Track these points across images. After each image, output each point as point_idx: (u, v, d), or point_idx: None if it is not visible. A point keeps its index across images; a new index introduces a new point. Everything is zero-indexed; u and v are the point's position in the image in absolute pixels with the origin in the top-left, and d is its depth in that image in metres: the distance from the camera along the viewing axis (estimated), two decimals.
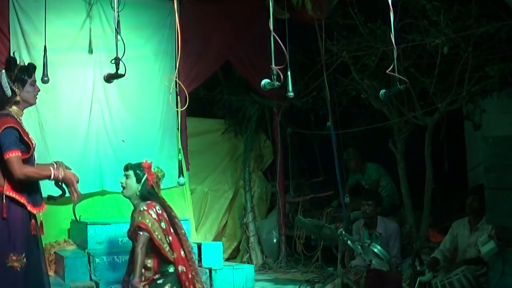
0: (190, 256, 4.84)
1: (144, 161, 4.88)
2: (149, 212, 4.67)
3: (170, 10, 7.13)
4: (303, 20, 7.12)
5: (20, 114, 4.30)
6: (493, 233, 5.14)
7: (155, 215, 4.68)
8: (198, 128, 8.29)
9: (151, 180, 4.81)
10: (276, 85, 3.99)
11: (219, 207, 8.53)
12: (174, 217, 4.87)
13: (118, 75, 4.15)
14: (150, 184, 4.81)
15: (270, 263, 8.19)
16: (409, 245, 6.71)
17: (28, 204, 4.18)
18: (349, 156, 7.91)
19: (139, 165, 4.85)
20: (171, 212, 4.87)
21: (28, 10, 6.54)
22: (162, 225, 4.69)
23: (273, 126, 8.58)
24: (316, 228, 5.95)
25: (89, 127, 6.92)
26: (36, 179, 4.24)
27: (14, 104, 4.26)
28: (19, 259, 4.09)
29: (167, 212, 4.81)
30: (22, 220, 4.18)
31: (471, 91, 6.50)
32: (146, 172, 4.82)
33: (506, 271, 4.92)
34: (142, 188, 4.80)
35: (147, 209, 4.69)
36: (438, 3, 6.21)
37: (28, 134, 4.27)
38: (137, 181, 4.80)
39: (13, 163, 4.07)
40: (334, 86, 7.53)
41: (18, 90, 4.21)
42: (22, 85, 4.24)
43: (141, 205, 4.76)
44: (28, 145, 4.19)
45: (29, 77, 4.28)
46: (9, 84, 4.18)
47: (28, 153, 4.18)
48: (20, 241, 4.13)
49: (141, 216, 4.68)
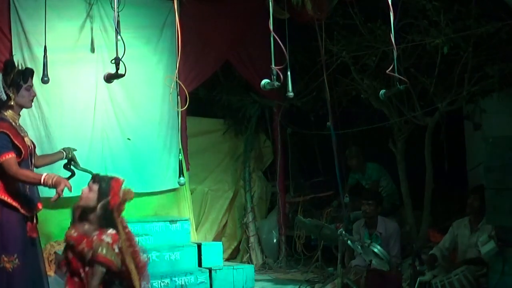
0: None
1: (115, 178, 4.08)
2: (102, 239, 3.87)
3: (170, 10, 7.13)
4: (303, 20, 7.12)
5: (16, 117, 4.33)
6: (493, 233, 5.15)
7: (110, 238, 3.90)
8: (198, 128, 8.28)
9: (113, 204, 3.99)
10: (276, 85, 3.99)
11: (219, 207, 8.53)
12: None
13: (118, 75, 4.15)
14: (111, 207, 3.98)
15: (270, 263, 8.19)
16: (409, 245, 6.71)
17: (22, 207, 4.21)
18: (351, 154, 7.90)
19: (108, 180, 4.02)
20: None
21: (29, 9, 6.52)
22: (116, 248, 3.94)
23: (273, 126, 8.58)
24: (316, 228, 5.96)
25: (94, 126, 6.91)
26: (26, 183, 4.25)
27: (9, 108, 4.28)
28: (10, 260, 4.13)
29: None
30: (16, 222, 4.21)
31: (471, 91, 6.50)
32: (111, 192, 4.00)
33: (506, 271, 4.93)
34: (101, 209, 3.97)
35: (100, 235, 3.90)
36: (438, 3, 6.21)
37: (23, 138, 4.29)
38: (98, 199, 3.97)
39: (10, 164, 4.09)
40: (334, 86, 7.53)
41: (12, 95, 4.24)
42: (17, 90, 4.26)
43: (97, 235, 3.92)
44: (20, 149, 4.20)
45: (25, 82, 4.30)
46: (4, 88, 4.21)
47: (19, 157, 4.20)
48: (12, 243, 4.17)
49: (99, 247, 3.85)
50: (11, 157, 4.12)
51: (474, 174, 7.55)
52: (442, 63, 6.50)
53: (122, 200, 4.04)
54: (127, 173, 7.00)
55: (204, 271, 6.56)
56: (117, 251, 3.92)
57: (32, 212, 4.32)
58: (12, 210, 4.18)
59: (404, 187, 7.25)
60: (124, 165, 7.06)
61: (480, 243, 5.20)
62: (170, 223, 6.79)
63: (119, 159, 7.04)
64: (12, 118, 4.30)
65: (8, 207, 4.18)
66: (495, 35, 6.22)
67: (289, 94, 4.21)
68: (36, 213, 4.39)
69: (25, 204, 4.24)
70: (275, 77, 3.97)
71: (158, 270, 6.33)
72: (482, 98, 6.97)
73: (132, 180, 7.07)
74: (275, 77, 3.97)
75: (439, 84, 6.64)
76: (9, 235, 4.17)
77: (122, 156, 7.06)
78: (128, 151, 7.08)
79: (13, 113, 4.31)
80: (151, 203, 7.28)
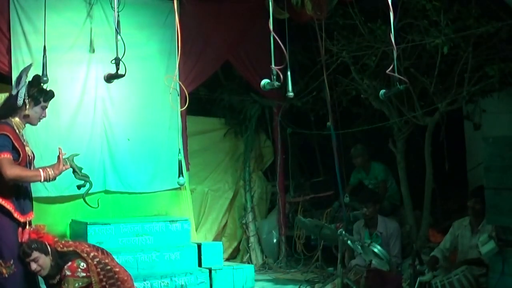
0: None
1: (34, 227, 4.35)
2: (76, 276, 4.16)
3: (170, 10, 7.12)
4: (303, 20, 7.12)
5: (21, 126, 4.39)
6: (493, 233, 5.15)
7: (83, 273, 4.18)
8: (198, 128, 8.28)
9: (51, 241, 4.28)
10: (276, 85, 4.00)
11: (219, 207, 8.52)
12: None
13: (118, 75, 4.16)
14: (53, 246, 4.27)
15: (270, 263, 8.19)
16: (409, 245, 6.72)
17: (15, 211, 4.23)
18: (357, 152, 7.87)
19: (31, 240, 4.22)
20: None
21: (29, 9, 6.53)
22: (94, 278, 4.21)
23: (273, 126, 8.57)
24: (316, 228, 5.95)
25: (93, 126, 6.93)
26: (26, 180, 4.25)
27: (17, 116, 4.35)
28: (7, 265, 4.15)
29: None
30: (10, 227, 4.21)
31: (471, 91, 6.50)
32: (41, 237, 4.25)
33: (506, 271, 4.93)
34: (53, 256, 4.23)
35: (72, 274, 4.17)
36: (438, 3, 6.21)
37: (24, 146, 4.31)
38: (45, 254, 4.21)
39: (4, 164, 4.09)
40: (334, 86, 7.53)
41: (29, 106, 4.33)
42: (35, 103, 4.37)
43: (64, 271, 4.22)
44: (19, 153, 4.22)
45: (44, 101, 4.42)
46: (25, 96, 4.27)
47: (17, 160, 4.21)
48: (8, 248, 4.17)
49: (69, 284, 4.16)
50: (7, 157, 4.13)
51: (474, 174, 7.55)
52: (442, 63, 6.50)
53: (53, 238, 4.33)
54: (126, 173, 7.04)
55: (204, 271, 6.56)
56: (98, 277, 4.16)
57: (25, 218, 4.33)
58: (5, 215, 4.20)
59: (404, 187, 7.25)
60: (124, 165, 7.07)
61: (480, 243, 5.20)
62: (170, 223, 6.79)
63: (118, 159, 7.05)
64: (17, 125, 4.36)
65: (2, 210, 4.19)
66: (495, 35, 6.22)
67: (289, 94, 4.21)
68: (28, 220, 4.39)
69: (18, 208, 4.25)
70: (275, 77, 3.97)
71: (158, 270, 6.34)
72: (482, 98, 6.98)
73: (132, 180, 7.11)
74: (275, 77, 3.97)
75: (439, 84, 6.64)
76: (5, 240, 4.18)
77: (121, 156, 7.06)
78: (127, 151, 7.09)
79: (20, 122, 4.38)
80: (151, 203, 7.29)
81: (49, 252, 4.20)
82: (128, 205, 7.15)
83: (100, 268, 4.20)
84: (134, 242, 6.47)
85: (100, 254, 4.32)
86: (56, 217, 6.65)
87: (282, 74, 3.96)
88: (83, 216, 6.67)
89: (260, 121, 8.61)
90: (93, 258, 4.24)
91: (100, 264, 4.23)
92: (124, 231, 6.52)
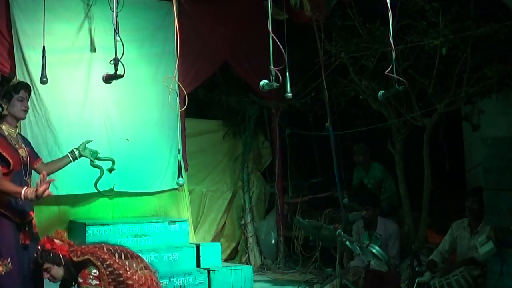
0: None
1: (44, 238, 4.34)
2: (88, 282, 4.15)
3: (169, 10, 7.14)
4: (301, 21, 7.12)
5: (12, 130, 4.46)
6: (491, 234, 5.15)
7: (95, 280, 4.17)
8: (196, 129, 8.28)
9: (66, 252, 4.28)
10: (275, 86, 3.99)
11: (218, 208, 8.53)
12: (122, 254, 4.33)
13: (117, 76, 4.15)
14: (67, 256, 4.27)
15: (268, 264, 8.20)
16: (407, 246, 6.72)
17: (14, 217, 4.25)
18: (359, 150, 7.87)
19: (43, 250, 4.25)
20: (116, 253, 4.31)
21: (28, 11, 6.53)
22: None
23: (272, 127, 8.58)
24: (314, 229, 5.96)
25: (92, 127, 6.92)
26: (8, 194, 4.26)
27: (3, 120, 4.42)
28: (4, 263, 4.16)
29: (108, 260, 4.24)
30: (8, 227, 4.25)
31: (469, 92, 6.50)
32: (55, 249, 4.25)
33: (504, 272, 4.93)
34: (66, 266, 4.25)
35: (83, 281, 4.17)
36: (437, 4, 6.22)
37: (15, 149, 4.35)
38: (58, 265, 4.25)
39: None
40: (333, 87, 7.54)
41: (5, 105, 4.40)
42: (8, 100, 4.43)
43: (78, 278, 4.23)
44: (8, 161, 4.23)
45: (16, 93, 4.46)
46: None
47: (8, 168, 4.22)
48: (5, 247, 4.19)
49: None
50: None
51: (472, 175, 7.55)
52: (440, 64, 6.51)
53: (68, 244, 4.32)
54: (125, 174, 7.02)
55: (203, 272, 6.57)
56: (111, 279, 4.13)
57: (25, 220, 4.35)
58: (4, 217, 4.22)
59: (403, 188, 7.26)
60: (123, 165, 7.05)
61: (479, 244, 5.20)
62: (168, 223, 6.79)
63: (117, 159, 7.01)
64: (7, 130, 4.40)
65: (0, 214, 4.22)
66: (493, 36, 6.22)
67: (288, 95, 4.21)
68: (28, 221, 4.40)
69: (17, 214, 4.29)
70: (273, 78, 3.97)
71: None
72: (480, 99, 6.98)
73: (131, 181, 7.11)
74: (273, 78, 3.97)
75: (437, 85, 6.65)
76: (3, 239, 4.19)
77: (121, 157, 7.02)
78: (127, 151, 7.07)
79: (9, 126, 4.43)
80: (149, 204, 7.29)
81: (62, 263, 4.23)
82: (127, 206, 7.14)
83: (112, 279, 4.16)
84: (133, 242, 6.46)
85: (116, 260, 4.23)
86: (56, 217, 6.64)
87: (281, 75, 3.96)
88: (82, 217, 6.67)
89: (258, 122, 8.62)
90: (107, 267, 4.18)
91: (113, 274, 4.17)
92: (123, 231, 6.52)
